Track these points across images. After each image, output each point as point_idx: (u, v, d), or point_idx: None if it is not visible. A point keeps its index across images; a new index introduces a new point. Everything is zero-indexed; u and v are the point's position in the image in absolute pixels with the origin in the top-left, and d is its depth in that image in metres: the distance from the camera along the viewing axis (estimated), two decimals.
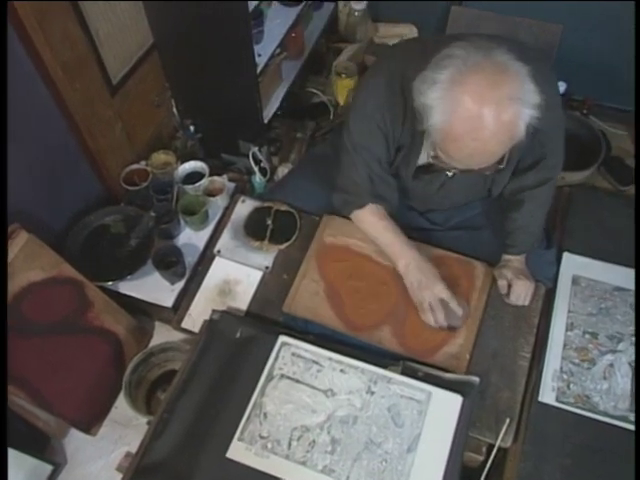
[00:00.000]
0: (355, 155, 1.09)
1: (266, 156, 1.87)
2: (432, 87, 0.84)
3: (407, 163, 1.10)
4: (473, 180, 1.12)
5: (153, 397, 1.38)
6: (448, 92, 0.82)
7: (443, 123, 0.84)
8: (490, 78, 0.81)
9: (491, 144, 0.84)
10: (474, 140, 0.83)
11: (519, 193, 1.13)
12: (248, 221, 1.32)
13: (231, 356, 1.10)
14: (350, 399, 1.04)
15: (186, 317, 1.22)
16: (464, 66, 0.82)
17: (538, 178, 1.10)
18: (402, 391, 1.04)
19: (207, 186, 1.51)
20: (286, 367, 1.08)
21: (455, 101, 0.82)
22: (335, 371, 1.07)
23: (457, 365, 1.10)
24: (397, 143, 1.07)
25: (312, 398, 1.05)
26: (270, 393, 1.05)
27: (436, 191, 1.17)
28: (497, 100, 0.81)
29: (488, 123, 0.81)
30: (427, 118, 0.85)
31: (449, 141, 0.86)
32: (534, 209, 1.14)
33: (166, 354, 1.35)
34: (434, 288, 1.09)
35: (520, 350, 1.13)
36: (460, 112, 0.82)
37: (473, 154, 0.86)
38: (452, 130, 0.84)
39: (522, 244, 1.16)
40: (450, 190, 1.16)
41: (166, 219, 1.41)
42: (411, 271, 1.12)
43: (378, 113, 1.02)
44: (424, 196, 1.20)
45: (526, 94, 0.82)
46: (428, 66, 0.86)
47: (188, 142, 1.81)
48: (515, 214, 1.15)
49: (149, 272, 1.36)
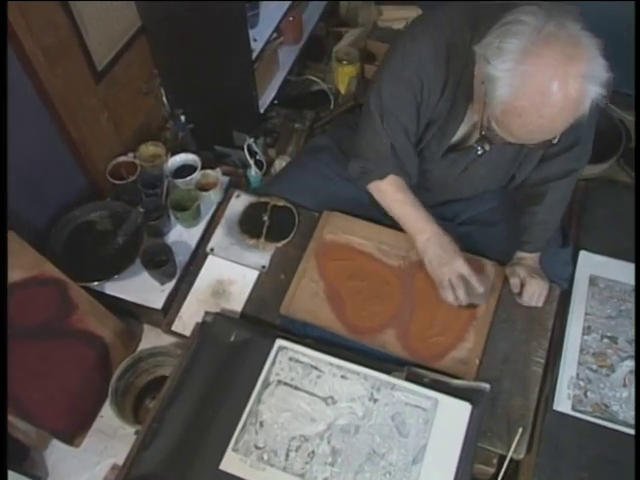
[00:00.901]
0: (381, 122, 1.06)
1: (262, 148, 1.86)
2: (501, 57, 0.82)
3: (440, 138, 1.08)
4: (500, 163, 1.11)
5: (141, 405, 1.38)
6: (519, 64, 0.80)
7: (510, 96, 0.82)
8: (565, 51, 0.79)
9: (556, 122, 0.83)
10: (540, 117, 0.82)
11: (542, 184, 1.12)
12: (243, 217, 1.32)
13: (225, 361, 1.10)
14: (352, 407, 1.04)
15: (177, 320, 1.22)
16: (537, 35, 0.80)
17: (564, 168, 1.09)
18: (407, 398, 1.04)
19: (199, 180, 1.50)
20: (283, 373, 1.07)
21: (526, 75, 0.80)
22: (336, 377, 1.07)
23: (466, 371, 1.09)
24: (429, 117, 1.06)
25: (311, 406, 1.04)
26: (267, 400, 1.05)
27: (459, 174, 1.15)
28: (570, 76, 0.79)
29: (557, 100, 0.80)
30: (492, 89, 0.84)
31: (513, 115, 0.84)
32: (555, 203, 1.13)
33: (155, 359, 1.35)
34: (454, 263, 1.08)
35: (533, 355, 1.12)
36: (530, 86, 0.80)
37: (535, 131, 0.84)
38: (518, 104, 0.82)
39: (538, 241, 1.16)
40: (473, 174, 1.14)
41: (155, 215, 1.41)
42: (431, 246, 1.11)
43: (416, 80, 1.00)
44: (443, 180, 1.19)
45: (597, 70, 0.81)
46: (492, 32, 0.84)
47: (179, 133, 1.81)
48: (535, 207, 1.14)
49: (137, 272, 1.36)
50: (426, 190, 1.25)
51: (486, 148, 1.06)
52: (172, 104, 1.79)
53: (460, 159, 1.12)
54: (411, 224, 1.14)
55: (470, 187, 1.21)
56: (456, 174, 1.15)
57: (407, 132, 1.08)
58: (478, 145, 1.06)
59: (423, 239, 1.12)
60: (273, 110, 1.92)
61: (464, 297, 1.10)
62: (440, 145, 1.09)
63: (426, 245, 1.12)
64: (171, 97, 1.77)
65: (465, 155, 1.10)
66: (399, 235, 1.26)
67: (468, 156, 1.10)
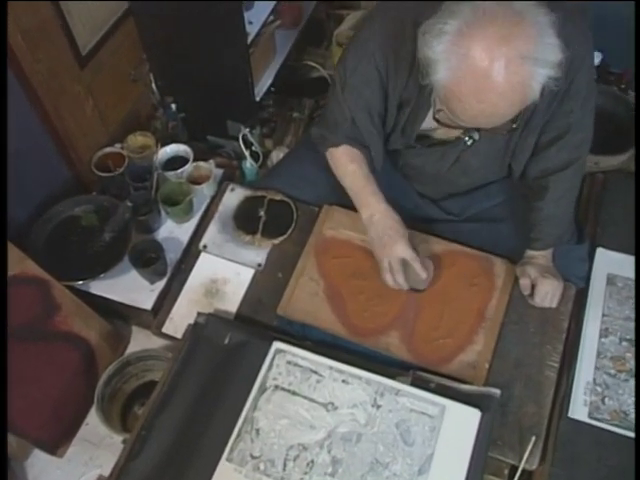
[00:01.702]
0: (342, 92, 1.08)
1: (258, 139, 1.87)
2: (438, 39, 0.83)
3: (413, 122, 1.09)
4: (491, 153, 1.12)
5: (129, 412, 1.38)
6: (454, 46, 0.81)
7: (447, 80, 0.83)
8: (501, 31, 0.79)
9: (499, 107, 0.83)
10: (480, 102, 0.83)
11: (542, 177, 1.13)
12: (238, 212, 1.32)
13: (219, 365, 1.10)
14: (353, 414, 1.04)
15: (167, 321, 1.22)
16: (474, 16, 0.80)
17: (562, 158, 1.09)
18: (412, 404, 1.04)
19: (191, 172, 1.51)
20: (281, 377, 1.07)
21: (461, 57, 0.81)
22: (336, 382, 1.07)
23: (475, 375, 1.10)
24: (399, 97, 1.07)
25: (310, 412, 1.04)
26: (263, 407, 1.05)
27: (450, 167, 1.16)
28: (507, 58, 0.79)
29: (497, 84, 0.80)
30: (431, 72, 0.85)
31: (454, 100, 0.85)
32: (560, 197, 1.14)
33: (145, 363, 1.36)
34: (394, 246, 1.09)
35: (547, 359, 1.13)
36: (466, 70, 0.81)
37: (478, 116, 0.86)
38: (457, 89, 0.83)
39: (548, 237, 1.16)
40: (466, 166, 1.15)
41: (144, 210, 1.41)
42: (374, 224, 1.12)
43: (379, 54, 1.01)
44: (436, 174, 1.20)
45: (544, 50, 0.80)
46: (437, 12, 0.85)
47: (169, 123, 1.81)
48: (539, 202, 1.15)
49: (125, 270, 1.36)
50: (425, 184, 1.26)
51: (475, 137, 1.06)
52: (162, 91, 1.79)
53: (449, 151, 1.13)
54: (357, 197, 1.15)
55: (466, 179, 1.22)
56: (448, 166, 1.16)
57: (370, 110, 1.09)
58: (465, 136, 1.07)
59: (366, 215, 1.13)
60: (270, 98, 1.92)
61: (403, 282, 1.11)
62: (413, 128, 1.10)
63: (369, 222, 1.13)
64: (161, 84, 1.77)
65: (454, 147, 1.11)
66: None
67: (457, 147, 1.11)
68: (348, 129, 1.12)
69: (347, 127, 1.12)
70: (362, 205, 1.14)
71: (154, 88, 1.78)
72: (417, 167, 1.23)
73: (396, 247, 1.09)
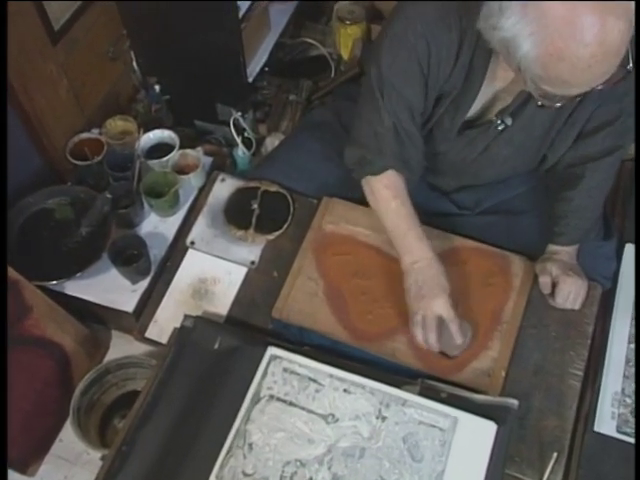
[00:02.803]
0: (381, 97, 1.06)
1: (251, 124, 1.87)
2: (502, 15, 0.82)
3: (454, 113, 1.08)
4: (527, 142, 1.12)
5: (109, 426, 1.39)
6: (525, 10, 0.80)
7: (538, 47, 0.81)
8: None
9: (605, 43, 0.79)
10: (585, 46, 0.78)
11: (579, 165, 1.13)
12: (229, 205, 1.33)
13: (208, 373, 1.11)
14: (356, 426, 1.05)
15: (151, 325, 1.23)
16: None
17: (606, 145, 1.09)
18: (421, 416, 1.05)
19: (177, 161, 1.51)
20: (276, 386, 1.09)
21: (539, 16, 0.79)
22: (337, 391, 1.08)
23: (490, 384, 1.11)
24: (440, 90, 1.06)
25: (309, 425, 1.05)
26: (257, 419, 1.06)
27: (478, 156, 1.15)
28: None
29: (590, 19, 0.76)
30: (516, 52, 0.83)
31: (555, 63, 0.81)
32: (594, 187, 1.14)
33: (126, 371, 1.36)
34: (435, 300, 1.07)
35: (570, 366, 1.14)
36: (551, 23, 0.78)
37: (592, 65, 0.81)
38: (552, 49, 0.80)
39: (575, 232, 1.17)
40: (495, 154, 1.14)
41: (125, 202, 1.42)
42: (415, 271, 1.11)
43: (422, 45, 0.99)
44: (460, 163, 1.19)
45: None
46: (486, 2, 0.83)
47: (152, 106, 1.81)
48: (571, 192, 1.15)
49: (104, 269, 1.37)
50: (441, 174, 1.26)
51: (507, 122, 1.06)
52: (144, 71, 1.79)
53: (479, 137, 1.12)
54: (401, 241, 1.13)
55: (493, 170, 1.22)
56: (475, 155, 1.16)
57: (412, 110, 1.07)
58: (498, 119, 1.06)
59: (408, 261, 1.11)
60: (264, 79, 1.93)
61: (434, 342, 1.09)
62: (454, 121, 1.10)
63: (410, 269, 1.11)
64: (143, 63, 1.78)
65: (484, 132, 1.11)
66: None
67: (487, 133, 1.11)
68: (392, 143, 1.09)
69: (391, 139, 1.09)
70: (405, 251, 1.12)
71: (135, 67, 1.78)
72: (440, 154, 1.20)
73: (436, 302, 1.07)
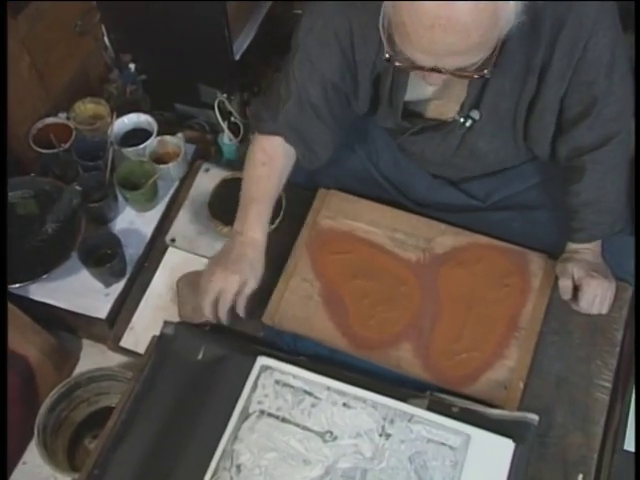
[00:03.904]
0: (292, 63, 1.13)
1: (238, 107, 1.87)
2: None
3: (396, 93, 1.12)
4: (500, 136, 1.15)
5: (79, 447, 1.39)
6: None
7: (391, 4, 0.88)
8: None
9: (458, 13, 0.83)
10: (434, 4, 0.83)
11: (576, 157, 1.15)
12: (214, 198, 1.34)
13: (190, 386, 1.12)
14: (357, 445, 1.06)
15: (127, 333, 1.24)
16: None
17: (595, 135, 1.12)
18: (429, 433, 1.06)
19: (155, 149, 1.51)
20: (268, 401, 1.09)
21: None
22: (336, 406, 1.09)
23: (507, 397, 1.12)
24: (372, 68, 1.10)
25: (304, 444, 1.06)
26: (245, 437, 1.07)
27: (455, 151, 1.20)
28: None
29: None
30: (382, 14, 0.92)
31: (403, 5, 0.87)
32: (600, 179, 1.16)
33: (98, 385, 1.36)
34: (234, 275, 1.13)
35: (596, 377, 1.15)
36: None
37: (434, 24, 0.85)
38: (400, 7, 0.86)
39: (592, 227, 1.18)
40: (473, 149, 1.19)
41: (97, 195, 1.42)
42: (235, 241, 1.16)
43: (339, 17, 1.06)
44: (441, 160, 1.24)
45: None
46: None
47: (127, 87, 1.81)
48: (577, 186, 1.17)
49: (74, 270, 1.37)
50: (432, 166, 1.30)
51: (475, 117, 1.11)
52: (117, 47, 1.79)
53: (450, 134, 1.16)
54: (242, 207, 1.18)
55: (478, 164, 1.26)
56: (452, 151, 1.20)
57: (325, 85, 1.12)
58: (461, 116, 1.12)
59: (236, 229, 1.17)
60: (252, 57, 1.93)
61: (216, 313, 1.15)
62: (397, 102, 1.14)
63: (233, 237, 1.17)
64: (115, 38, 1.78)
65: (451, 131, 1.15)
66: (418, 220, 1.28)
67: (456, 130, 1.15)
68: (291, 113, 1.15)
69: (291, 110, 1.15)
70: (239, 217, 1.18)
71: (107, 43, 1.78)
72: (417, 154, 1.27)
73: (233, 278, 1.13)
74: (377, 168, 1.35)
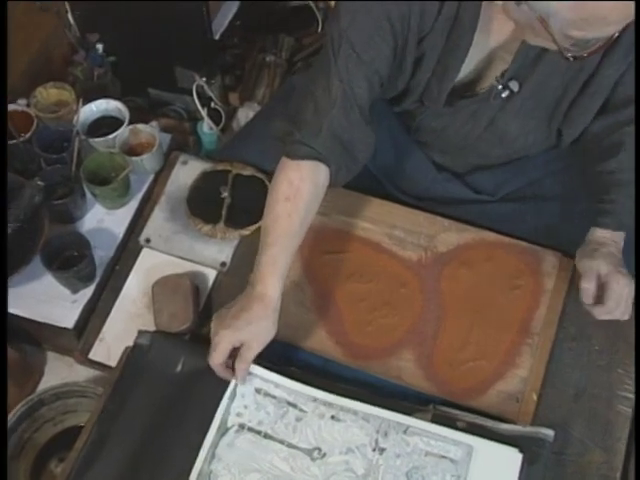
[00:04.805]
0: (334, 60, 1.07)
1: (219, 92, 1.88)
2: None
3: (442, 76, 1.11)
4: (537, 113, 1.14)
5: (44, 471, 1.39)
6: None
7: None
8: None
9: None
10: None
11: (613, 133, 1.14)
12: (193, 193, 1.35)
13: (168, 402, 1.12)
14: (348, 462, 1.07)
15: (97, 343, 1.24)
16: None
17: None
18: (428, 446, 1.07)
19: (127, 139, 1.51)
20: (247, 413, 1.10)
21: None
22: (323, 419, 1.09)
23: (519, 411, 1.12)
24: (417, 49, 1.09)
25: (290, 462, 1.07)
26: (225, 456, 1.07)
27: (482, 132, 1.19)
28: None
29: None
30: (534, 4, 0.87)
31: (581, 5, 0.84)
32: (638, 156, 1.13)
33: (65, 402, 1.36)
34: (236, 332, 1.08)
35: (618, 387, 1.15)
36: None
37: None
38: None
39: (623, 213, 1.14)
40: (503, 132, 1.18)
41: (62, 191, 1.41)
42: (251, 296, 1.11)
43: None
44: (462, 141, 1.23)
45: None
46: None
47: (94, 70, 1.81)
48: (609, 164, 1.14)
49: (36, 275, 1.37)
50: (445, 153, 1.30)
51: (513, 88, 1.08)
52: (82, 26, 1.79)
53: (480, 109, 1.15)
54: (260, 251, 1.12)
55: (501, 150, 1.25)
56: (479, 131, 1.19)
57: (372, 81, 1.09)
58: (500, 83, 1.09)
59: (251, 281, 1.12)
60: (234, 36, 1.93)
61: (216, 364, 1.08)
62: (442, 86, 1.12)
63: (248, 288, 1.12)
64: (81, 15, 1.78)
65: (485, 102, 1.14)
66: (419, 216, 1.29)
67: (489, 103, 1.14)
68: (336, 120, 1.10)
69: (334, 118, 1.10)
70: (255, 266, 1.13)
71: (71, 21, 1.78)
72: (437, 131, 1.25)
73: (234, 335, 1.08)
74: (374, 160, 1.35)
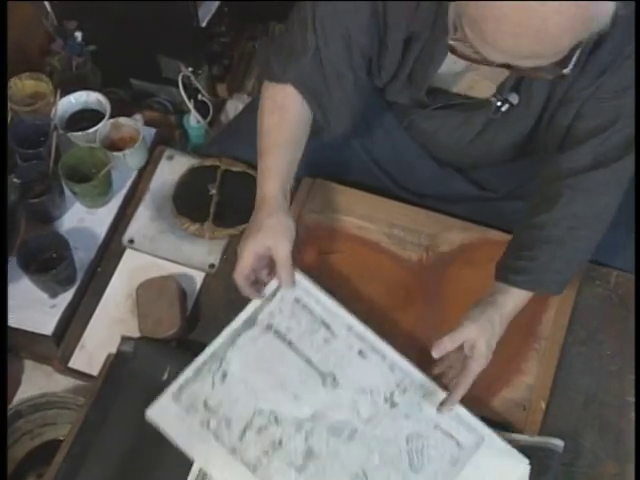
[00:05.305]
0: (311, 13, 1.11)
1: (206, 83, 1.88)
2: None
3: (428, 63, 1.12)
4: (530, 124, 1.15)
5: None
6: None
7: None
8: None
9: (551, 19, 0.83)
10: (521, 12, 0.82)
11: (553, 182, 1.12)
12: (179, 191, 1.35)
13: None
14: (357, 402, 1.09)
15: (77, 351, 1.24)
16: None
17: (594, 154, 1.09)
18: (440, 420, 1.08)
19: (108, 133, 1.51)
20: (280, 316, 1.11)
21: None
22: (351, 350, 1.12)
23: (526, 420, 1.13)
24: (403, 29, 1.09)
25: (301, 377, 1.10)
26: (244, 346, 1.10)
27: (475, 138, 1.20)
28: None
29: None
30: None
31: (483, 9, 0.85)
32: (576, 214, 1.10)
33: (43, 414, 1.36)
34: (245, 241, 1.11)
35: (630, 394, 1.16)
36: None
37: (520, 33, 0.85)
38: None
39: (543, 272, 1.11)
40: (493, 140, 1.20)
41: (39, 189, 1.41)
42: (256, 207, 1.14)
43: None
44: (456, 145, 1.24)
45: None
46: None
47: (73, 60, 1.81)
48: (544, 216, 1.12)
49: (12, 278, 1.36)
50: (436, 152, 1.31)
51: (513, 101, 1.10)
52: (60, 13, 1.79)
53: (475, 117, 1.17)
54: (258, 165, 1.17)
55: (493, 157, 1.26)
56: (470, 137, 1.21)
57: (349, 42, 1.11)
58: (498, 99, 1.10)
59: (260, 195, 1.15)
60: (222, 23, 1.93)
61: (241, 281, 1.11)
62: (427, 72, 1.13)
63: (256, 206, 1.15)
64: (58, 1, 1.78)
65: (481, 113, 1.16)
66: (420, 213, 1.30)
67: (485, 114, 1.15)
68: (306, 65, 1.14)
69: (306, 62, 1.13)
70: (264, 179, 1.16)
71: (48, 7, 1.78)
72: (428, 133, 1.27)
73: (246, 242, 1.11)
74: (371, 153, 1.36)
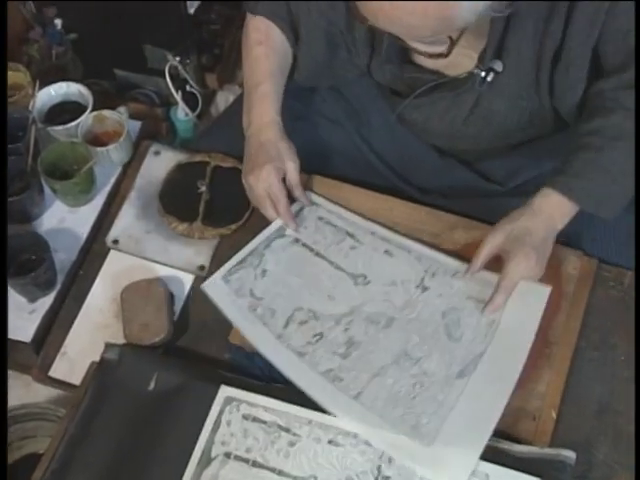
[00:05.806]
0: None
1: (195, 73, 1.88)
2: None
3: None
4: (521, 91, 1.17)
5: None
6: None
7: None
8: None
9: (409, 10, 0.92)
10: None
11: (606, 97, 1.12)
12: (167, 188, 1.35)
13: (139, 424, 1.12)
14: (389, 293, 1.19)
15: (58, 359, 1.24)
16: None
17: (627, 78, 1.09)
18: (472, 290, 1.17)
19: (91, 127, 1.51)
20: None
21: None
22: (377, 252, 1.23)
23: (536, 430, 1.13)
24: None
25: (333, 281, 1.20)
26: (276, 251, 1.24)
27: (468, 115, 1.22)
28: None
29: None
30: None
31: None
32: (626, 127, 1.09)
33: (22, 427, 1.36)
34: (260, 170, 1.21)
35: None
36: None
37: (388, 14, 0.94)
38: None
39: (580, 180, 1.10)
40: (489, 113, 1.21)
41: (17, 186, 1.41)
42: (248, 139, 1.26)
43: None
44: (450, 128, 1.25)
45: None
46: None
47: (53, 49, 1.81)
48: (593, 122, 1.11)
49: None
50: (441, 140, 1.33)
51: (497, 69, 1.13)
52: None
53: (462, 96, 1.20)
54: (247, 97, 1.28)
55: (495, 132, 1.27)
56: (463, 117, 1.23)
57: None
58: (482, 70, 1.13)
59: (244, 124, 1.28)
60: (211, 10, 1.94)
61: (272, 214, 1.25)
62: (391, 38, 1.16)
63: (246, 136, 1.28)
64: None
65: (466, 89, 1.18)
66: (421, 211, 1.30)
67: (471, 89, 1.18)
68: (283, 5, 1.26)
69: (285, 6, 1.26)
70: (246, 109, 1.28)
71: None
72: (419, 123, 1.29)
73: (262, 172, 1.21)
74: (369, 145, 1.36)
